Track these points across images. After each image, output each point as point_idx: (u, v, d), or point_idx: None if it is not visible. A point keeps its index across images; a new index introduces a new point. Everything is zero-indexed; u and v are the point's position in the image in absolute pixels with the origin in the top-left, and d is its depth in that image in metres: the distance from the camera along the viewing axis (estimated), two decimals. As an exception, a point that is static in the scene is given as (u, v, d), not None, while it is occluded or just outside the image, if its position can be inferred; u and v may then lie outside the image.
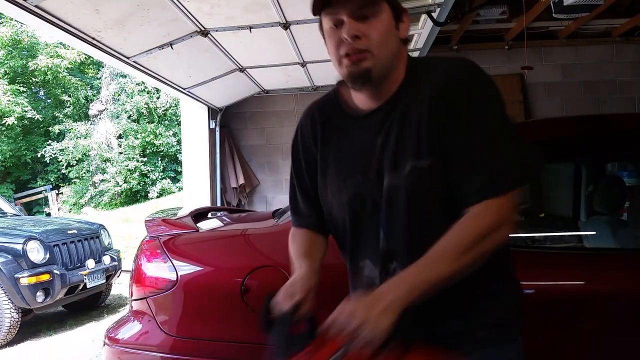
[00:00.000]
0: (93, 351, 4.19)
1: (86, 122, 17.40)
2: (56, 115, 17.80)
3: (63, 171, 17.09)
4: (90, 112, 17.56)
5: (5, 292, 4.49)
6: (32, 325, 5.08)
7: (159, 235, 1.92)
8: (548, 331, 1.52)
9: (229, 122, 5.78)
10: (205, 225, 2.14)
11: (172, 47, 3.61)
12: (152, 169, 16.08)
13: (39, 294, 4.57)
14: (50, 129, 17.20)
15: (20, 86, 16.61)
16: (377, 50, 0.97)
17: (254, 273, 1.71)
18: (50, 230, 5.10)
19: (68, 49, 16.32)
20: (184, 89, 4.65)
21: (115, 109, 16.80)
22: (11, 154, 16.65)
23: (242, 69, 4.54)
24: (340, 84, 1.15)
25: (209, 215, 2.49)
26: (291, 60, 4.41)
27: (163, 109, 16.37)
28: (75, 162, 16.72)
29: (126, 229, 10.44)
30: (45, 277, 4.61)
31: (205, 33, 3.51)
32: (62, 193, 16.90)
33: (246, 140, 5.83)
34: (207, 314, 1.80)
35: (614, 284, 1.59)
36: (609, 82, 5.34)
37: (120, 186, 15.87)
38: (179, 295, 1.80)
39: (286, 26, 3.49)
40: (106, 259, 5.45)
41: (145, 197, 15.87)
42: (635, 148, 2.10)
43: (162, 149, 16.10)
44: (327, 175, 1.11)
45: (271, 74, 4.86)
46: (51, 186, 16.46)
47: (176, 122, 15.76)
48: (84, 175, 16.76)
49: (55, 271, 4.71)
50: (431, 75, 1.00)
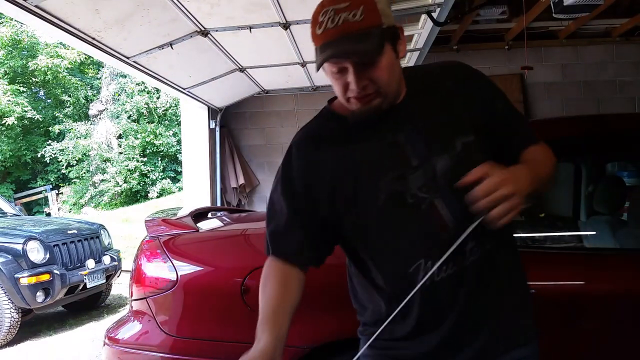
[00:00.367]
0: (93, 351, 4.19)
1: (86, 122, 17.39)
2: (56, 115, 17.79)
3: (63, 171, 17.07)
4: (90, 112, 17.55)
5: (5, 292, 4.49)
6: (32, 325, 5.07)
7: (159, 235, 1.92)
8: (548, 331, 1.52)
9: (229, 122, 5.78)
10: (205, 225, 2.14)
11: (172, 47, 3.61)
12: (152, 169, 16.06)
13: (39, 294, 4.57)
14: (50, 129, 17.18)
15: (20, 86, 16.59)
16: (385, 88, 0.98)
17: (254, 273, 1.71)
18: (50, 230, 5.09)
19: (68, 49, 16.30)
20: (184, 89, 4.64)
21: (115, 109, 16.78)
22: (11, 154, 16.63)
23: (242, 69, 4.54)
24: (330, 101, 1.14)
25: (209, 215, 2.50)
26: (291, 60, 4.40)
27: (163, 109, 16.36)
28: (75, 162, 16.70)
29: (126, 229, 10.43)
30: (45, 277, 4.60)
31: (205, 33, 3.51)
32: (62, 193, 16.89)
33: (246, 140, 5.83)
34: (207, 314, 1.80)
35: (614, 284, 1.60)
36: (609, 82, 5.33)
37: (120, 186, 15.86)
38: (179, 295, 1.80)
39: (286, 26, 3.49)
40: (106, 259, 5.45)
41: (145, 197, 15.86)
42: (635, 148, 2.11)
43: (162, 149, 16.07)
44: (352, 187, 1.05)
45: (271, 74, 4.85)
46: (51, 186, 16.43)
47: (176, 122, 15.74)
48: (84, 175, 16.75)
49: (55, 271, 4.70)
50: (434, 74, 1.11)
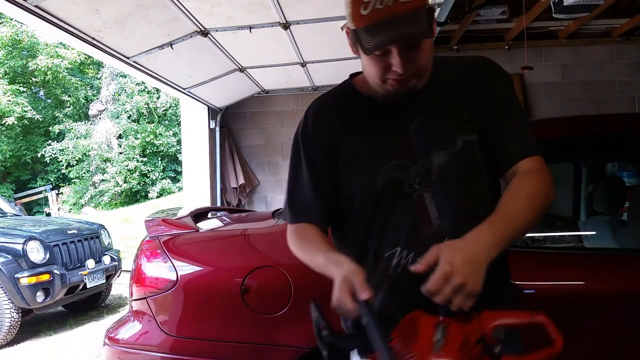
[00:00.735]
0: (93, 351, 4.19)
1: (86, 122, 17.40)
2: (56, 115, 17.80)
3: (63, 171, 17.09)
4: (90, 112, 17.56)
5: (5, 292, 4.49)
6: (32, 325, 5.07)
7: (159, 235, 1.92)
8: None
9: (229, 122, 5.78)
10: (205, 225, 2.14)
11: (172, 47, 3.61)
12: (152, 169, 16.07)
13: (39, 294, 4.57)
14: (50, 129, 17.20)
15: (20, 86, 16.61)
16: (424, 70, 1.01)
17: (254, 273, 1.71)
18: (50, 230, 5.10)
19: (68, 49, 16.32)
20: (184, 89, 4.64)
21: (115, 109, 16.79)
22: (11, 154, 16.65)
23: (242, 69, 4.54)
24: (353, 76, 1.15)
25: (209, 215, 2.49)
26: (291, 60, 4.40)
27: (163, 109, 16.37)
28: (75, 162, 16.71)
29: (126, 229, 10.44)
30: (45, 277, 4.61)
31: (205, 33, 3.51)
32: (62, 193, 16.89)
33: (246, 140, 5.83)
34: (207, 314, 1.79)
35: (614, 284, 1.59)
36: (609, 82, 5.33)
37: (120, 186, 15.86)
38: (179, 295, 1.80)
39: (286, 26, 3.49)
40: (106, 259, 5.45)
41: (145, 197, 15.86)
42: (635, 148, 2.11)
43: (162, 149, 16.08)
44: (354, 164, 1.08)
45: (271, 74, 4.85)
46: (51, 186, 16.44)
47: (176, 122, 15.75)
48: (84, 175, 16.76)
49: (55, 271, 4.71)
50: (455, 67, 1.09)
